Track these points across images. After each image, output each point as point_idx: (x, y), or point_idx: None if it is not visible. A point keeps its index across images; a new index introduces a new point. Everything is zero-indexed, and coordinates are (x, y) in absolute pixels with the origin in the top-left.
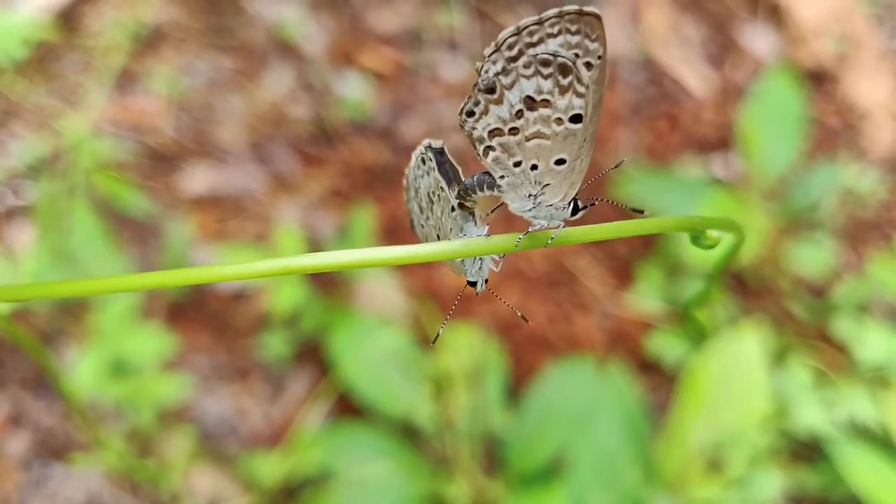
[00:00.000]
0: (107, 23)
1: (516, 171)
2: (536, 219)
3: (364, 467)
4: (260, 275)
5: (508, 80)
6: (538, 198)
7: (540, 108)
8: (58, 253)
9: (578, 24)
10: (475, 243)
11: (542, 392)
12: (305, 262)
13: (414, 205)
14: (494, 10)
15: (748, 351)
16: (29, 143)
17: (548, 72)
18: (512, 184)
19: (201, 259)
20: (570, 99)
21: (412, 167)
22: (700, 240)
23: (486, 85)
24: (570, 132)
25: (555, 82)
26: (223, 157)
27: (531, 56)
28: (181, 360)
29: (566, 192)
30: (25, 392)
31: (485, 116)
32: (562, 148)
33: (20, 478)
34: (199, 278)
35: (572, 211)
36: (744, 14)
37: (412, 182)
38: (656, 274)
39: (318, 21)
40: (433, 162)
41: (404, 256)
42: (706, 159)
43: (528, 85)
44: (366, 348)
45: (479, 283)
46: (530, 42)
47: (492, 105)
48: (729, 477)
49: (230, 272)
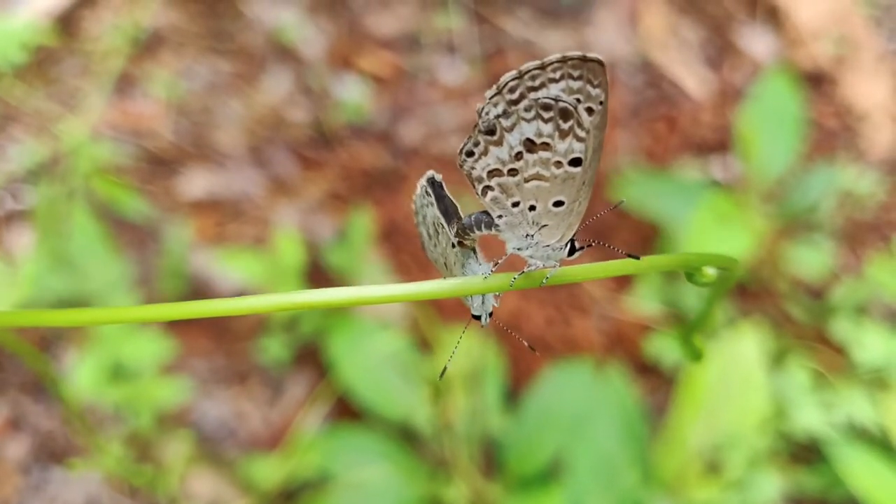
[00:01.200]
0: (105, 27)
1: (514, 211)
2: (533, 258)
3: (363, 470)
4: (262, 310)
5: (509, 122)
6: (535, 238)
7: (540, 150)
8: (57, 257)
9: (581, 69)
10: (470, 283)
11: (541, 394)
12: (310, 299)
13: (423, 230)
14: (493, 14)
15: (747, 353)
16: (28, 148)
17: (549, 116)
18: (510, 223)
19: (200, 263)
20: (570, 143)
21: (418, 195)
22: (695, 277)
23: (487, 126)
24: (569, 175)
25: (555, 126)
26: (222, 160)
27: (532, 100)
28: (180, 363)
29: (563, 233)
30: (25, 396)
31: (484, 157)
32: (560, 190)
33: (19, 481)
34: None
35: (569, 251)
36: (742, 16)
37: (419, 209)
38: (655, 276)
39: (317, 25)
40: (432, 196)
41: (406, 294)
42: (705, 161)
43: (528, 128)
44: (364, 351)
45: (483, 316)
46: (532, 86)
47: (491, 146)
48: (728, 479)
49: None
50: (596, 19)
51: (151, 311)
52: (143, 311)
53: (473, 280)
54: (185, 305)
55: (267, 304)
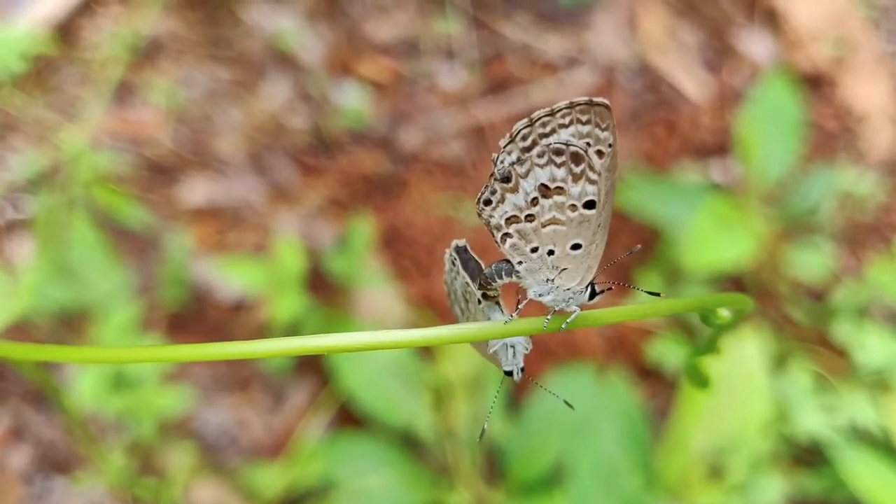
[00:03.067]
0: (105, 35)
1: (533, 256)
2: (555, 302)
3: (365, 478)
4: (275, 354)
5: (523, 169)
6: (556, 282)
7: (554, 195)
8: (57, 266)
9: (589, 114)
10: (496, 326)
11: (543, 400)
12: (331, 343)
13: (457, 308)
14: (491, 18)
15: (748, 356)
16: (28, 157)
17: (561, 160)
18: (530, 269)
19: (200, 271)
20: (583, 186)
21: (446, 271)
22: (710, 318)
23: (503, 174)
24: (584, 218)
25: (568, 170)
26: (222, 168)
27: (545, 146)
28: (181, 371)
29: (583, 275)
30: (27, 405)
31: (501, 205)
32: (577, 233)
33: (22, 491)
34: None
35: (590, 295)
36: (740, 19)
37: (450, 285)
38: (656, 280)
39: (316, 31)
40: (458, 261)
41: (431, 338)
42: (704, 165)
43: (542, 173)
44: (366, 358)
45: (515, 371)
46: (543, 133)
47: (508, 193)
48: (730, 482)
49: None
50: (595, 23)
51: (168, 352)
52: (158, 352)
53: (493, 325)
54: (204, 348)
55: (287, 347)
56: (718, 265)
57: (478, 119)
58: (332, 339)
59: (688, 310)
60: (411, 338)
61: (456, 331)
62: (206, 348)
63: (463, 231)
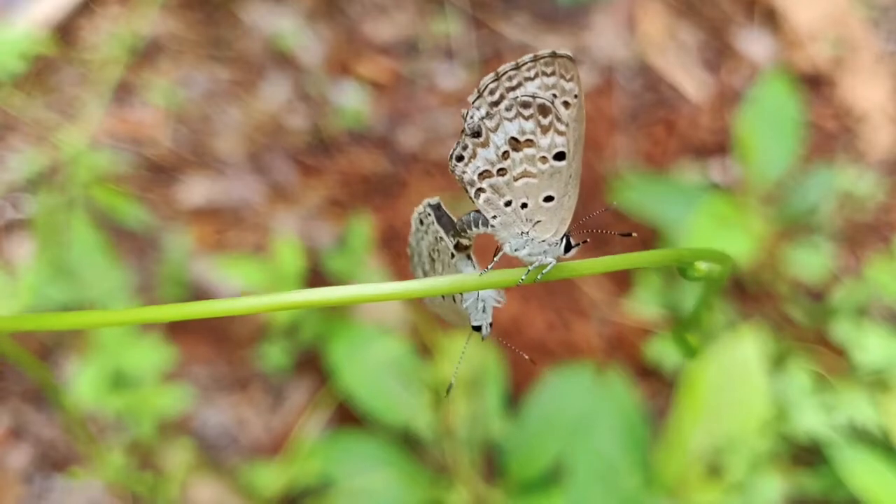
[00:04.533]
0: (104, 36)
1: (507, 210)
2: (532, 256)
3: (364, 476)
4: (260, 309)
5: (493, 123)
6: (530, 234)
7: (525, 148)
8: (57, 266)
9: (553, 66)
10: (466, 280)
11: (542, 399)
12: (310, 297)
13: (419, 270)
14: (491, 19)
15: (747, 356)
16: (27, 157)
17: (528, 113)
18: (504, 223)
19: (200, 270)
20: (552, 137)
21: (412, 232)
22: (688, 272)
23: (472, 129)
24: (555, 170)
25: (536, 122)
26: (221, 168)
27: (512, 99)
28: (181, 371)
29: (557, 227)
30: (26, 405)
31: (473, 160)
32: (549, 185)
33: (22, 491)
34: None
35: (566, 248)
36: (740, 19)
37: (415, 247)
38: (655, 280)
39: (315, 31)
40: (432, 217)
41: (404, 292)
42: (704, 164)
43: (511, 127)
44: (365, 357)
45: (484, 326)
46: (510, 86)
47: (479, 148)
48: (729, 482)
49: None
50: (593, 23)
51: (152, 313)
52: (143, 313)
53: (469, 277)
54: (185, 307)
55: (267, 303)
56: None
57: None
58: (307, 294)
59: (665, 262)
60: (386, 291)
61: (430, 284)
62: (186, 307)
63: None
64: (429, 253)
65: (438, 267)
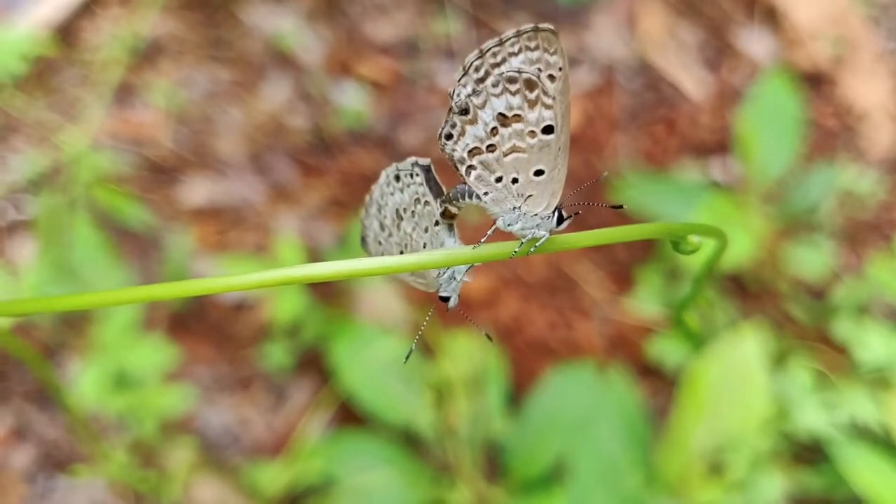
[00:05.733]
0: (105, 37)
1: (498, 186)
2: (524, 230)
3: (366, 475)
4: (260, 285)
5: (479, 100)
6: (522, 209)
7: (513, 123)
8: (59, 267)
9: (536, 40)
10: (460, 253)
11: (543, 398)
12: (299, 273)
13: (374, 221)
14: (491, 18)
15: (748, 354)
16: (29, 158)
17: (515, 88)
18: (496, 199)
19: (201, 270)
20: (539, 111)
21: (381, 184)
22: (681, 245)
23: (460, 107)
24: (544, 143)
25: (523, 97)
26: (222, 168)
27: (497, 75)
28: (183, 371)
29: (548, 200)
30: (29, 405)
31: (462, 137)
32: (539, 159)
33: (25, 490)
34: (198, 290)
35: (557, 221)
36: (740, 17)
37: (377, 198)
38: (656, 278)
39: (315, 31)
40: (421, 177)
41: (403, 265)
42: (704, 163)
43: (498, 103)
44: (366, 357)
45: (453, 297)
46: (495, 62)
47: (467, 126)
48: (730, 480)
49: (228, 283)
50: (594, 23)
51: (151, 292)
52: (141, 292)
53: (463, 250)
54: (183, 284)
55: (257, 280)
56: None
57: None
58: (305, 269)
59: (658, 235)
60: (377, 266)
61: (423, 258)
62: (180, 286)
63: (464, 230)
64: (396, 210)
65: (407, 227)
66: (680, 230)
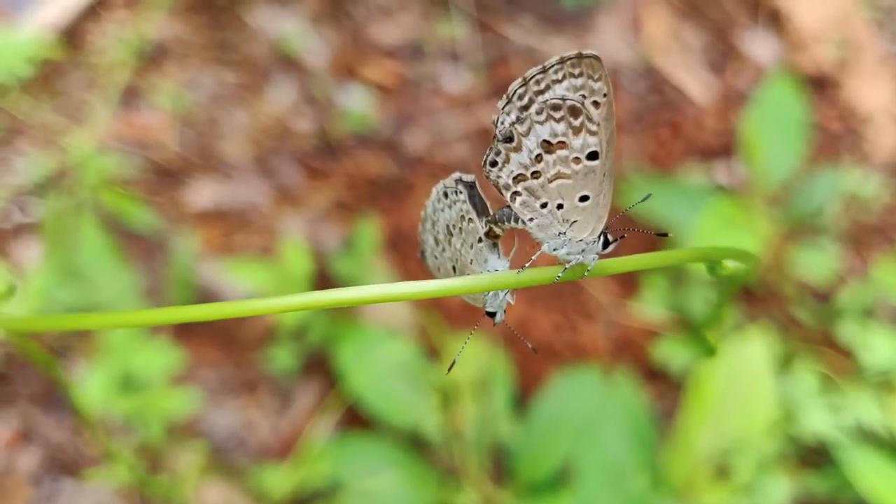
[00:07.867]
0: (110, 40)
1: (543, 212)
2: (570, 255)
3: (373, 479)
4: (305, 307)
5: (524, 127)
6: (567, 234)
7: (557, 150)
8: (65, 269)
9: (580, 66)
10: (510, 276)
11: (549, 401)
12: (334, 297)
13: (429, 236)
14: (496, 21)
15: (754, 357)
16: (35, 161)
17: (559, 115)
18: (541, 225)
19: (207, 273)
20: (584, 138)
21: (432, 200)
22: (716, 269)
23: (504, 135)
24: (589, 169)
25: (567, 124)
26: (228, 171)
27: (541, 103)
28: (189, 374)
29: (594, 226)
30: (35, 408)
31: (507, 164)
32: (584, 185)
33: (31, 493)
34: (236, 312)
35: (603, 244)
36: (744, 20)
37: (430, 214)
38: (661, 282)
39: (320, 34)
40: (464, 194)
41: (442, 289)
42: (709, 166)
43: (542, 130)
44: (373, 360)
45: (499, 314)
46: (538, 90)
47: (512, 153)
48: (737, 483)
49: (269, 306)
50: (598, 25)
51: (163, 315)
52: (154, 316)
53: (507, 275)
54: (194, 309)
55: (279, 305)
56: None
57: (482, 122)
58: (326, 294)
59: (695, 259)
60: (425, 289)
61: (469, 282)
62: (195, 309)
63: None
64: (447, 226)
65: (457, 242)
66: (716, 255)
